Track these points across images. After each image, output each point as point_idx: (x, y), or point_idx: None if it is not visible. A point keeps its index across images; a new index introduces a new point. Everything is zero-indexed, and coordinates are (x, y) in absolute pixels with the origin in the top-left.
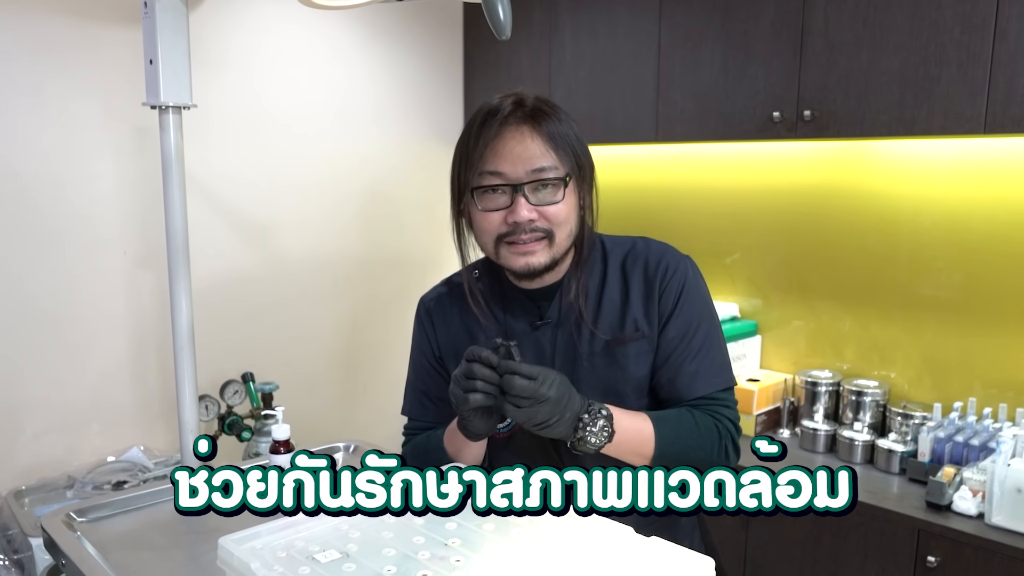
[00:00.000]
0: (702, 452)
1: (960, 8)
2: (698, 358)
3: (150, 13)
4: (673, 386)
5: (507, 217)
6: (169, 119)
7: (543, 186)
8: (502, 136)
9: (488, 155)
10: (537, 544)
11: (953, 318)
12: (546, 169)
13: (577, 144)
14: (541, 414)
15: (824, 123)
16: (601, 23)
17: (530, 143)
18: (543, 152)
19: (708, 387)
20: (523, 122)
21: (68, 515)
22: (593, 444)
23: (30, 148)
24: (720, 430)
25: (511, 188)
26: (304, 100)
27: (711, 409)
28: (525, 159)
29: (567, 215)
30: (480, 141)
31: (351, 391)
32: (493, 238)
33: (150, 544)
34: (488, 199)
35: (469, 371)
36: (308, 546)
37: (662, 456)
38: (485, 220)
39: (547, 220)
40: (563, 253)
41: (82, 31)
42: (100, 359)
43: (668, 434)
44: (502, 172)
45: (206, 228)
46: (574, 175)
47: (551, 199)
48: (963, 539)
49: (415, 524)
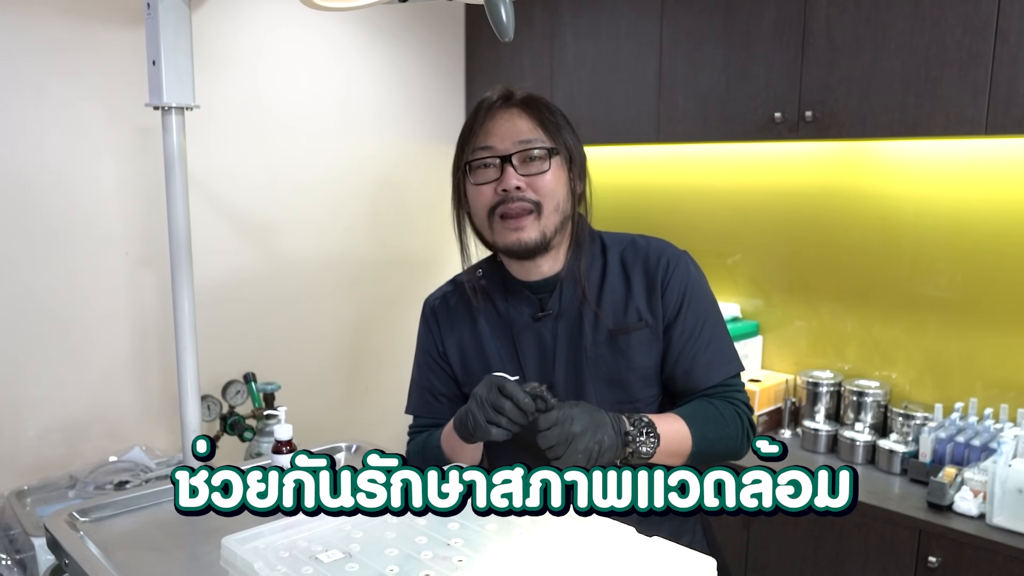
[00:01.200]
0: (729, 440)
1: (962, 9)
2: (711, 348)
3: (153, 14)
4: (691, 377)
5: (497, 187)
6: (172, 120)
7: (530, 158)
8: (493, 117)
9: (479, 133)
10: (539, 544)
11: (954, 318)
12: (532, 141)
13: (567, 129)
14: (582, 449)
15: (826, 124)
16: (603, 24)
17: (518, 120)
18: (530, 128)
19: (723, 374)
20: (513, 106)
21: (71, 515)
22: (645, 454)
23: (32, 148)
24: (740, 415)
25: (500, 160)
26: (306, 100)
27: (728, 396)
28: (513, 133)
29: (554, 187)
30: (473, 126)
31: (353, 391)
32: (486, 212)
33: (153, 544)
34: (480, 173)
35: (499, 406)
36: (311, 546)
37: (699, 452)
38: (478, 194)
39: (534, 191)
40: (553, 230)
41: (84, 32)
42: (102, 359)
43: (701, 429)
44: (491, 146)
45: (208, 228)
46: (561, 153)
47: (538, 170)
48: (964, 540)
49: (418, 524)
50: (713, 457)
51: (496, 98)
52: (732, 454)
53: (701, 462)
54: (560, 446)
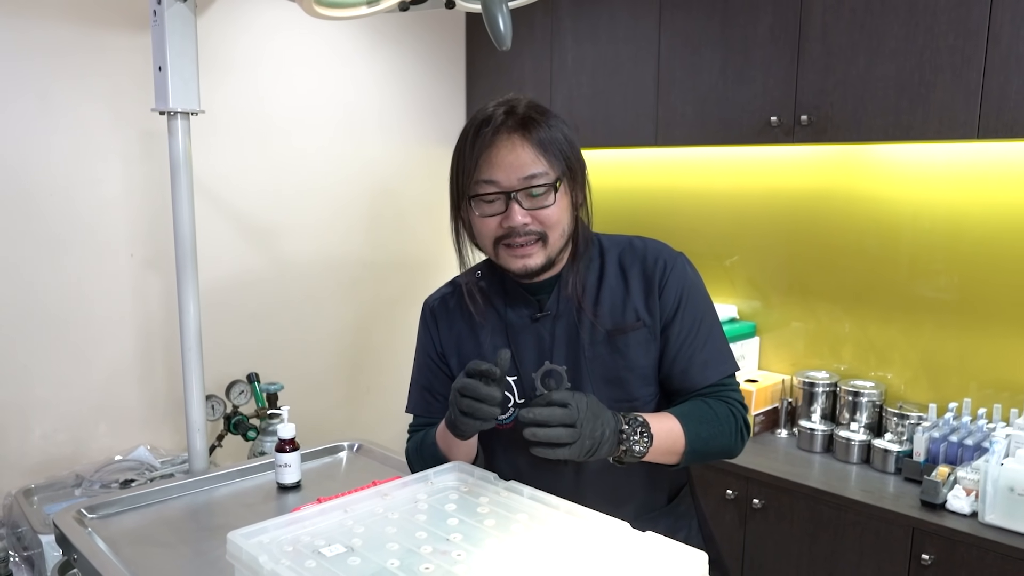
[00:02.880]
0: (723, 438)
1: (955, 14)
2: (707, 348)
3: (159, 21)
4: (687, 375)
5: (502, 222)
6: (178, 125)
7: (535, 192)
8: (495, 145)
9: (483, 164)
10: (536, 539)
11: (950, 320)
12: (537, 176)
13: (567, 147)
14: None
15: (821, 127)
16: (602, 28)
17: (521, 152)
18: (534, 159)
19: (719, 373)
20: (514, 131)
21: (79, 512)
22: (638, 453)
23: (38, 152)
24: (734, 413)
25: (505, 195)
26: (309, 104)
27: (723, 395)
28: (517, 167)
29: (559, 217)
30: (474, 150)
31: (355, 391)
32: (491, 241)
33: (159, 540)
34: (484, 206)
35: (469, 387)
36: (314, 540)
37: (692, 451)
38: (483, 225)
39: (540, 223)
40: (558, 252)
41: (90, 36)
42: (107, 360)
43: (694, 428)
44: (496, 180)
45: (212, 231)
46: (565, 178)
47: (543, 204)
48: (957, 537)
49: (418, 520)
50: (707, 456)
51: (496, 119)
52: (726, 452)
53: (695, 460)
54: (567, 429)
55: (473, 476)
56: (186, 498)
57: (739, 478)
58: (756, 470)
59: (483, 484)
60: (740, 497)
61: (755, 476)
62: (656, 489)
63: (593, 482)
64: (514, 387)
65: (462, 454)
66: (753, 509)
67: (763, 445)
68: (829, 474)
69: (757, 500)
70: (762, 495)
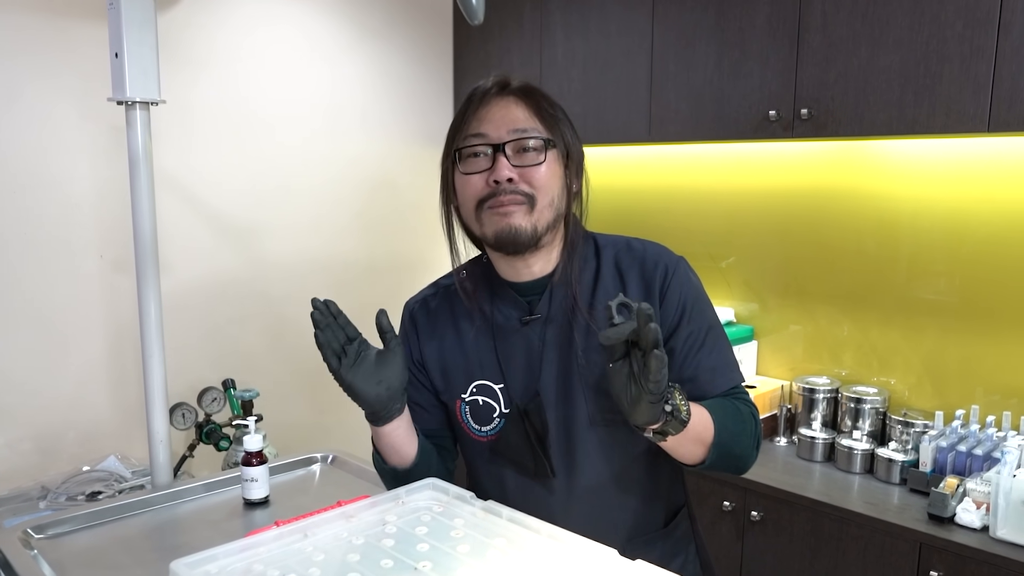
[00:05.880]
0: (745, 439)
1: (963, 2)
2: (714, 355)
3: (115, 6)
4: (695, 384)
5: (488, 178)
6: (136, 115)
7: (524, 148)
8: (487, 104)
9: (472, 120)
10: (513, 568)
11: (954, 323)
12: (528, 131)
13: (565, 123)
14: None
15: (822, 122)
16: (593, 21)
17: (514, 108)
18: (527, 117)
19: (729, 382)
20: (510, 94)
21: (25, 532)
22: (677, 426)
23: (3, 148)
24: (754, 417)
25: (492, 149)
26: (290, 100)
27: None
28: (508, 121)
29: (548, 180)
30: (466, 113)
31: (333, 399)
32: (474, 203)
33: (112, 562)
34: (470, 162)
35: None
36: (267, 570)
37: (719, 444)
38: (467, 184)
39: (528, 183)
40: (545, 227)
41: (55, 28)
42: (76, 365)
43: (721, 419)
44: (484, 133)
45: (188, 231)
46: (558, 146)
47: (533, 161)
48: (967, 553)
49: (384, 545)
50: (730, 456)
51: (491, 85)
52: (743, 458)
53: (719, 459)
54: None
55: (448, 495)
56: (147, 515)
57: (736, 489)
58: (754, 480)
59: (459, 504)
60: (737, 509)
61: (753, 487)
62: (652, 509)
63: (586, 499)
64: (499, 395)
65: (395, 454)
66: (751, 521)
67: (761, 454)
68: (830, 485)
69: (755, 512)
70: (760, 507)
